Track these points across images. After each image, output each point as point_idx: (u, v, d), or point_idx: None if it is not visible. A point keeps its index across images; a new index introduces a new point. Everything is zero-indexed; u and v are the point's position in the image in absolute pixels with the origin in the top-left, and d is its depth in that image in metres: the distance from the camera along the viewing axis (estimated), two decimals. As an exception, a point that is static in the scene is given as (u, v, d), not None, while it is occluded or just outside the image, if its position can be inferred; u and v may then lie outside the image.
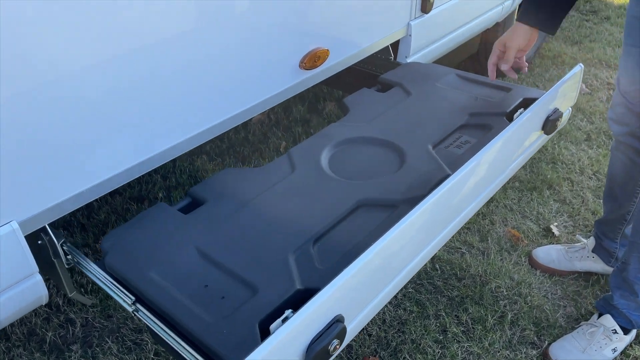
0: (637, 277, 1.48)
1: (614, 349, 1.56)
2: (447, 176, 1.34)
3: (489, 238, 2.02)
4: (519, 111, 1.55)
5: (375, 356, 1.59)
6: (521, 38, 1.45)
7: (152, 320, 1.06)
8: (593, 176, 2.37)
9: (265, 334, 0.95)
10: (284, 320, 0.97)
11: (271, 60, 1.52)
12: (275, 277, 1.07)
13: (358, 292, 1.02)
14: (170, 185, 2.26)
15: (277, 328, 0.94)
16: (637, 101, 1.48)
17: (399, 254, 1.10)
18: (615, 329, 1.56)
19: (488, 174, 1.35)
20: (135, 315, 1.09)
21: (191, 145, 1.43)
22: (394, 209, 1.26)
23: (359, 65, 2.03)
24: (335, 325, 0.95)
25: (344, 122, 1.58)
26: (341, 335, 0.96)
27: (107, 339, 1.64)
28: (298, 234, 1.18)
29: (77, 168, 1.17)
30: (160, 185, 2.26)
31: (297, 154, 1.45)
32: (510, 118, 1.58)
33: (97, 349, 1.61)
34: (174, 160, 2.37)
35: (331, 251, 1.15)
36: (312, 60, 1.61)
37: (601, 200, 2.21)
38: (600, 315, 1.62)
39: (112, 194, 2.17)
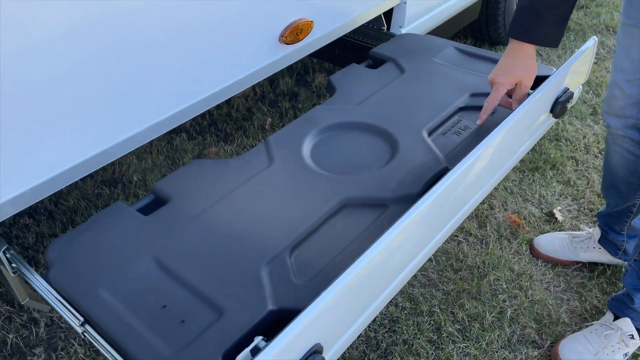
0: (657, 278, 1.35)
1: (626, 353, 1.44)
2: (443, 170, 1.19)
3: (487, 225, 1.88)
4: (525, 91, 1.39)
5: (363, 360, 1.47)
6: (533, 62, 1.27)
7: (102, 345, 0.92)
8: (599, 155, 2.22)
9: (230, 367, 0.82)
10: (253, 352, 0.83)
11: (246, 35, 1.34)
12: (244, 295, 0.93)
13: (339, 315, 0.88)
14: (146, 167, 2.10)
15: (245, 360, 0.81)
16: None
17: (387, 266, 0.95)
18: (632, 334, 1.44)
19: (489, 167, 1.20)
20: (84, 336, 0.96)
21: (157, 133, 1.26)
22: (383, 209, 1.11)
23: (349, 36, 1.85)
24: (313, 358, 0.81)
25: (330, 105, 1.41)
26: (320, 369, 0.82)
27: (73, 341, 1.51)
28: (273, 240, 1.03)
29: (14, 167, 1.02)
30: (135, 167, 2.10)
31: (275, 143, 1.28)
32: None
33: (62, 353, 1.49)
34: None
35: (310, 262, 1.00)
36: (293, 33, 1.43)
37: (608, 182, 2.07)
38: (616, 317, 1.49)
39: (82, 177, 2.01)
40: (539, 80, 1.32)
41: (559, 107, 1.36)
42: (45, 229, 1.83)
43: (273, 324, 0.92)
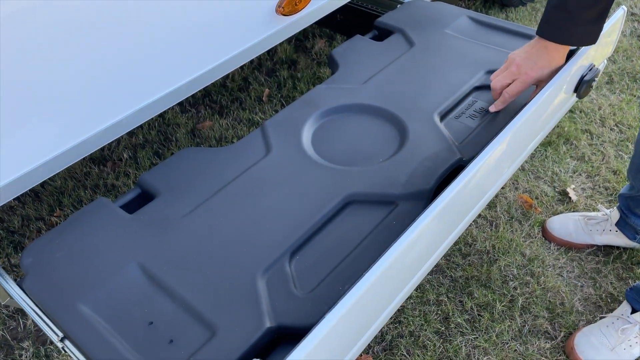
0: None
1: (642, 346, 1.38)
2: (457, 161, 1.08)
3: (497, 205, 1.79)
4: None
5: (367, 354, 1.40)
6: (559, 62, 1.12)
7: (82, 363, 0.84)
8: (615, 127, 2.11)
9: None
10: (249, 378, 0.75)
11: (239, 6, 1.20)
12: (239, 310, 0.84)
13: (347, 333, 0.79)
14: (137, 143, 1.99)
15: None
16: None
17: (397, 277, 0.86)
18: (651, 328, 1.37)
19: (507, 158, 1.09)
20: (65, 352, 0.87)
21: (145, 117, 1.15)
22: (392, 207, 1.01)
23: (352, 2, 1.70)
24: (316, 389, 0.73)
25: (332, 84, 1.28)
26: (323, 401, 0.74)
27: (62, 334, 1.44)
28: (271, 244, 0.94)
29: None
30: (126, 143, 1.99)
31: (273, 129, 1.17)
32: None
33: (51, 347, 1.42)
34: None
35: (312, 269, 0.91)
36: (291, 3, 1.29)
37: (623, 157, 1.96)
38: (633, 309, 1.41)
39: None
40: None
41: (584, 87, 1.24)
42: (32, 212, 1.74)
43: (272, 343, 0.83)
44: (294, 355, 0.68)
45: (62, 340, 0.86)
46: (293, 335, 0.81)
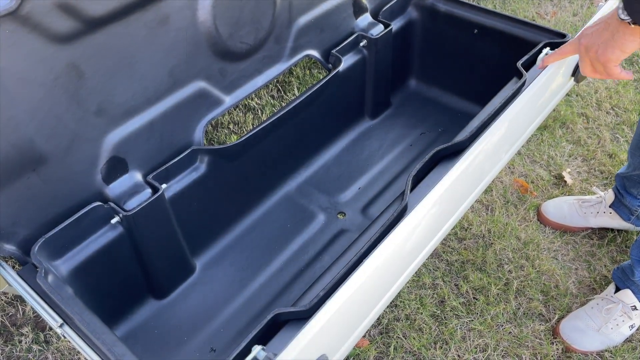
0: (669, 255, 1.28)
1: (632, 325, 1.40)
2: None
3: (493, 189, 1.80)
4: (544, 52, 1.26)
5: (364, 337, 1.42)
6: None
7: (82, 349, 0.84)
8: (611, 110, 2.11)
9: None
10: (252, 363, 0.76)
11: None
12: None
13: (344, 322, 0.80)
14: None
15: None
16: None
17: (394, 265, 0.87)
18: (635, 305, 1.39)
19: (505, 142, 1.09)
20: (64, 337, 0.88)
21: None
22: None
23: None
24: (318, 370, 0.74)
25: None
26: (324, 382, 0.75)
27: (62, 320, 1.45)
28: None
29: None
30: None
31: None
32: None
33: (51, 332, 1.43)
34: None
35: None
36: None
37: (619, 140, 1.97)
38: (617, 288, 1.43)
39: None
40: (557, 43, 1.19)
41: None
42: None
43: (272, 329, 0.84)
44: (295, 343, 0.69)
45: (61, 326, 0.87)
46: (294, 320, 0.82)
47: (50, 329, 1.44)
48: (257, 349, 0.77)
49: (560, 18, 2.61)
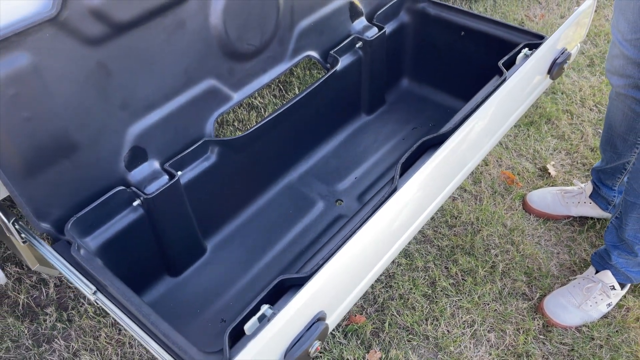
0: (637, 237, 1.40)
1: (609, 303, 1.52)
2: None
3: (482, 181, 1.92)
4: (523, 52, 1.39)
5: (361, 314, 1.54)
6: None
7: (114, 312, 0.97)
8: (594, 107, 2.24)
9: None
10: (260, 319, 0.88)
11: None
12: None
13: (341, 283, 0.93)
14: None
15: (253, 328, 0.86)
16: (639, 50, 1.31)
17: (387, 232, 0.99)
18: (613, 285, 1.51)
19: (485, 132, 1.22)
20: (97, 304, 1.00)
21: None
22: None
23: None
24: (317, 325, 0.87)
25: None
26: (323, 335, 0.87)
27: (82, 300, 1.57)
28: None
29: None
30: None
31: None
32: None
33: (73, 312, 1.55)
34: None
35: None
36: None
37: (600, 135, 2.09)
38: (597, 270, 1.56)
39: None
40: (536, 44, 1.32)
41: (556, 69, 1.36)
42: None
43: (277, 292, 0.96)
44: (295, 300, 0.81)
45: (94, 293, 0.99)
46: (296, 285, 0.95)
47: (73, 308, 1.56)
48: (265, 307, 0.89)
49: (547, 20, 2.74)
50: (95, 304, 1.01)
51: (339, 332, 1.50)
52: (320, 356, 1.45)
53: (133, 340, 1.48)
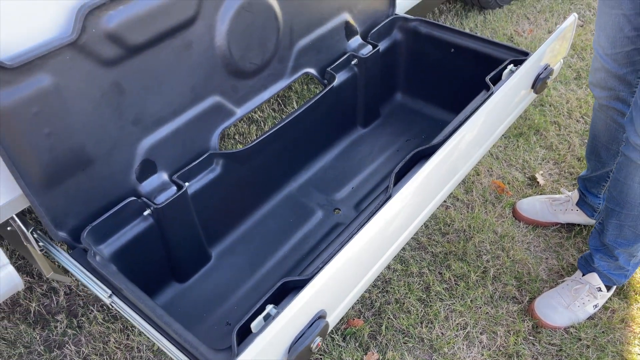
0: (616, 242, 1.48)
1: (596, 305, 1.60)
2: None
3: (473, 190, 2.01)
4: (508, 68, 1.48)
5: (359, 318, 1.61)
6: None
7: (129, 314, 1.04)
8: (581, 119, 2.33)
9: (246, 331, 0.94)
10: (265, 318, 0.95)
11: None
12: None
13: (341, 283, 1.00)
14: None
15: (259, 326, 0.93)
16: (619, 64, 1.41)
17: (383, 237, 1.07)
18: (600, 287, 1.58)
19: (473, 144, 1.30)
20: (112, 307, 1.07)
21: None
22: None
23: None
24: (318, 322, 0.94)
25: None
26: (324, 331, 0.95)
27: (91, 307, 1.64)
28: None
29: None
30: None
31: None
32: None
33: (83, 319, 1.62)
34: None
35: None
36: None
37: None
38: (583, 273, 1.63)
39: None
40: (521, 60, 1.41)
41: (539, 84, 1.45)
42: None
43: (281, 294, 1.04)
44: (298, 299, 0.88)
45: (110, 296, 1.06)
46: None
47: (82, 315, 1.63)
48: (269, 307, 0.97)
49: (536, 35, 2.85)
50: (111, 306, 1.07)
51: (337, 335, 1.57)
52: (320, 358, 1.52)
53: (141, 344, 1.55)
